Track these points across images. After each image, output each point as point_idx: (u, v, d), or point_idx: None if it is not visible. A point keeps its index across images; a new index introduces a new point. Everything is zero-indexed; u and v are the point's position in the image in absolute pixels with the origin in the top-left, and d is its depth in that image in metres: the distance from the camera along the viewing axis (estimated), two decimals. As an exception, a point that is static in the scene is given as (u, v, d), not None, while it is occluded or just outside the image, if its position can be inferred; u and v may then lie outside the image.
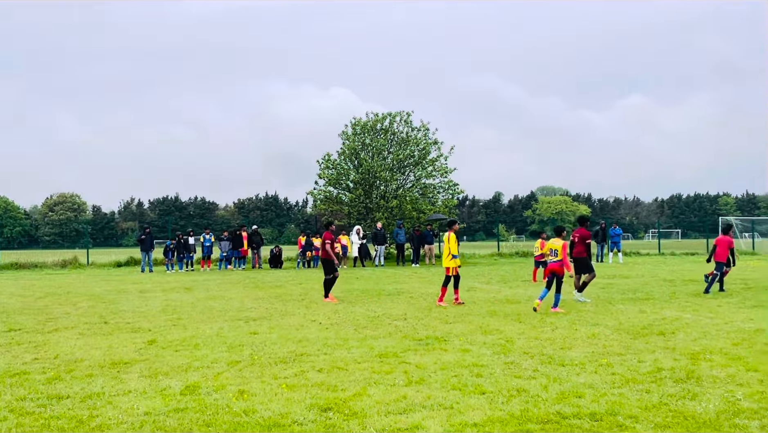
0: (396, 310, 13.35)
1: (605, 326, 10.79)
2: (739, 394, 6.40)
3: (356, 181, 34.74)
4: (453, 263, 14.11)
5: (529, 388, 6.76)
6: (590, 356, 8.36)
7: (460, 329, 10.68)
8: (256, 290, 18.32)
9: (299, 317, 12.54)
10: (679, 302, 14.13)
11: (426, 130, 35.58)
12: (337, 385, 7.01)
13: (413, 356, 8.50)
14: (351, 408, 6.11)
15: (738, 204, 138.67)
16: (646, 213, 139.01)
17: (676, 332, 10.15)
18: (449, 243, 14.27)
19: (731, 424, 5.47)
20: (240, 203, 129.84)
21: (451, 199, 36.44)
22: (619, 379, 7.11)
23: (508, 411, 5.93)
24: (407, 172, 35.70)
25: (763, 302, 13.97)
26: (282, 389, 6.89)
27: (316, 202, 36.38)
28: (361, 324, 11.44)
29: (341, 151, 35.37)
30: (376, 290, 17.96)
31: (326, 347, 9.26)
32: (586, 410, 5.92)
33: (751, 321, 11.21)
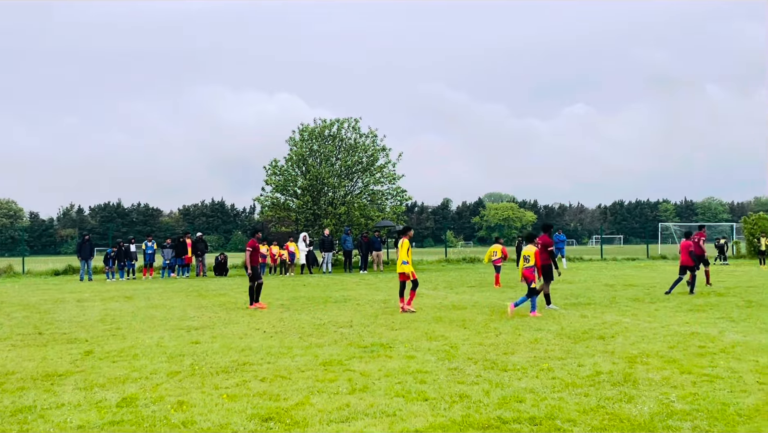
0: (342, 317, 13.30)
1: (548, 331, 10.96)
2: (673, 396, 6.58)
3: (304, 188, 34.56)
4: (407, 268, 14.24)
5: (472, 393, 6.81)
6: (532, 361, 8.47)
7: (406, 336, 10.70)
8: (199, 299, 18.00)
9: (243, 325, 12.37)
10: (619, 306, 14.47)
11: (374, 136, 35.70)
12: (279, 394, 6.93)
13: (358, 364, 8.47)
14: (293, 417, 6.04)
15: (677, 210, 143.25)
16: (590, 219, 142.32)
17: (615, 336, 10.39)
18: (401, 250, 14.40)
19: (664, 426, 5.61)
20: (185, 210, 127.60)
21: (399, 206, 36.61)
22: (559, 383, 7.22)
23: (450, 417, 5.95)
24: (355, 178, 35.71)
25: (699, 306, 14.42)
26: (223, 399, 6.77)
27: (264, 209, 36.06)
28: (306, 332, 11.35)
29: (288, 157, 35.14)
30: (322, 297, 17.86)
31: (270, 355, 9.15)
32: (526, 414, 5.99)
33: (686, 324, 11.56)
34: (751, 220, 40.25)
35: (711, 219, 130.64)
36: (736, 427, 5.55)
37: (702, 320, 12.16)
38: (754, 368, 7.81)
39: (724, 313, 13.05)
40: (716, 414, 5.92)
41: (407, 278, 14.27)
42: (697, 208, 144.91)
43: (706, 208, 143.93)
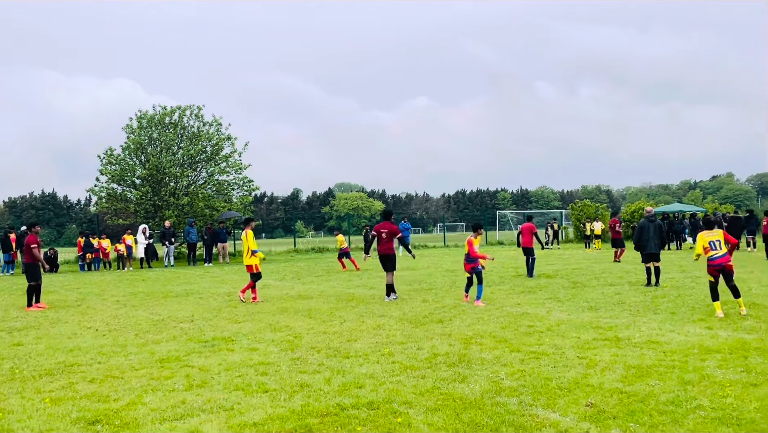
0: (183, 312, 12.82)
1: (390, 317, 11.22)
2: (502, 374, 6.95)
3: (143, 178, 32.94)
4: (254, 260, 14.07)
5: (313, 382, 6.80)
6: (374, 347, 8.62)
7: (249, 328, 10.50)
8: (24, 297, 16.59)
9: (73, 324, 11.56)
10: (458, 290, 15.10)
11: (218, 125, 34.69)
12: (109, 395, 6.53)
13: (197, 359, 8.19)
14: (122, 418, 5.71)
15: (513, 198, 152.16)
16: (434, 208, 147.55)
17: (453, 319, 10.83)
18: (248, 241, 14.16)
19: (493, 402, 5.91)
20: (11, 202, 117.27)
21: (247, 196, 35.90)
22: (399, 367, 7.40)
23: (290, 407, 5.91)
24: (199, 168, 34.56)
25: (530, 288, 15.39)
26: (45, 403, 6.28)
27: (99, 201, 33.95)
28: (143, 329, 10.82)
29: (125, 145, 33.27)
30: (162, 291, 17.13)
31: (101, 355, 8.62)
32: (365, 399, 6.07)
33: (518, 306, 12.29)
34: (578, 207, 43.60)
35: (544, 206, 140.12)
36: (557, 400, 5.95)
37: (532, 301, 12.98)
38: (575, 344, 8.43)
39: (552, 294, 14.02)
40: (540, 389, 6.32)
41: (251, 270, 14.11)
42: (532, 196, 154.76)
43: (539, 196, 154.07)
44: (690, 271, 18.79)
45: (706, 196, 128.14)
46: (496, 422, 5.35)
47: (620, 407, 5.64)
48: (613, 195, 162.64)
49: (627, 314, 10.88)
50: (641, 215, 35.91)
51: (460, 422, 5.37)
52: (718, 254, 10.57)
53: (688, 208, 45.75)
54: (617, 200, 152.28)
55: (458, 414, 5.57)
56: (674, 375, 6.68)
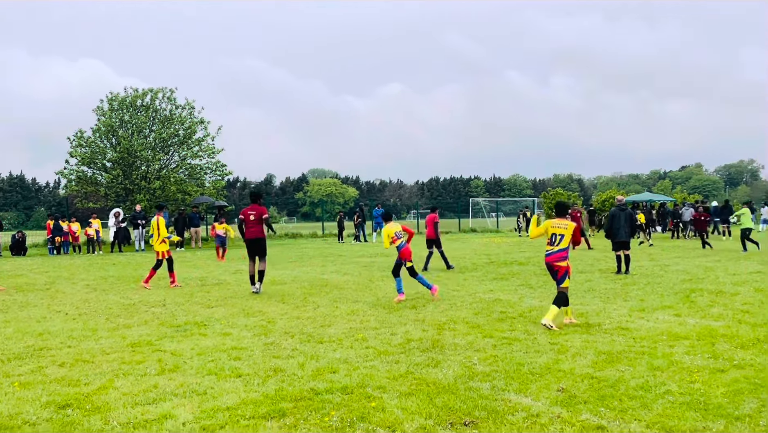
0: (154, 296, 12.70)
1: (364, 303, 11.23)
2: (475, 359, 7.01)
3: (114, 161, 32.47)
4: (163, 246, 14.29)
5: (287, 367, 6.79)
6: (348, 332, 8.63)
7: (222, 313, 10.45)
8: (-8, 281, 16.32)
9: (42, 308, 11.39)
10: (431, 277, 15.15)
11: (191, 108, 34.30)
12: (80, 379, 6.45)
13: (169, 344, 8.13)
14: (93, 403, 5.65)
15: (486, 186, 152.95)
16: (408, 195, 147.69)
17: (426, 305, 10.88)
18: (159, 227, 14.36)
19: (466, 387, 5.96)
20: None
21: (220, 181, 35.62)
22: (373, 352, 7.42)
23: (263, 392, 5.89)
24: (171, 151, 34.18)
25: (503, 274, 15.51)
26: (14, 387, 6.18)
27: (69, 184, 33.39)
28: (114, 313, 10.70)
29: (96, 128, 32.76)
30: (133, 276, 16.95)
31: (71, 339, 8.51)
32: (339, 384, 6.08)
33: (491, 292, 12.38)
34: (551, 195, 44.04)
35: (516, 194, 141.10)
36: (529, 385, 6.02)
37: (505, 287, 13.09)
38: (547, 330, 8.52)
39: (524, 280, 14.15)
40: (512, 374, 6.39)
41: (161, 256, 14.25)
42: (505, 184, 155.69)
43: (512, 184, 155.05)
44: (659, 259, 19.11)
45: (675, 186, 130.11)
46: (469, 406, 5.40)
47: (591, 392, 5.72)
48: (584, 184, 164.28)
49: (597, 301, 11.03)
50: (612, 204, 36.35)
51: (433, 406, 5.41)
52: (551, 250, 9.03)
53: (658, 197, 46.43)
54: (588, 189, 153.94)
55: (432, 399, 5.60)
56: (643, 361, 6.79)
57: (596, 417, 5.11)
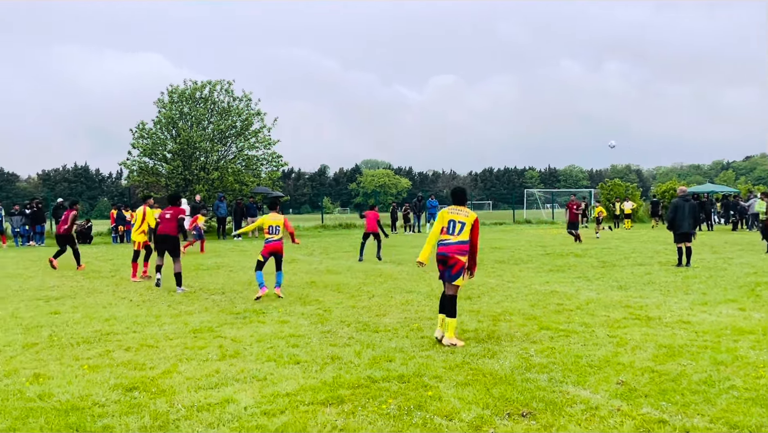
0: (214, 284, 13.01)
1: (418, 293, 11.26)
2: (532, 351, 6.97)
3: (174, 152, 33.23)
4: (142, 237, 14.59)
5: (343, 355, 6.89)
6: (403, 322, 8.68)
7: (279, 301, 10.63)
8: (60, 268, 16.97)
9: (108, 294, 11.81)
10: (486, 268, 15.09)
11: (248, 100, 34.79)
12: (145, 363, 6.69)
13: (229, 330, 8.33)
14: (159, 386, 5.85)
15: (541, 177, 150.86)
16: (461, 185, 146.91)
17: (481, 296, 10.84)
18: (148, 217, 14.56)
19: (523, 378, 5.93)
20: (45, 174, 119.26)
21: (275, 172, 36.09)
22: (428, 342, 7.46)
23: (321, 379, 6.00)
24: (229, 143, 34.75)
25: (559, 266, 15.32)
26: (84, 370, 6.45)
27: (131, 174, 34.37)
28: (176, 300, 11.01)
29: (157, 120, 33.58)
30: (193, 264, 17.38)
31: (136, 324, 8.81)
32: (395, 372, 6.14)
33: (547, 284, 12.25)
34: (608, 186, 43.13)
35: (572, 185, 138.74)
36: (587, 377, 5.96)
37: (561, 279, 12.93)
38: (605, 323, 8.41)
39: (581, 273, 13.95)
40: (570, 366, 6.33)
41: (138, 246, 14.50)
42: (560, 175, 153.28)
43: (567, 174, 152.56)
44: (722, 252, 18.54)
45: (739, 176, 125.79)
46: (526, 397, 5.38)
47: (651, 386, 5.63)
48: (643, 175, 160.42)
49: (657, 294, 10.79)
50: (672, 195, 35.42)
51: (490, 396, 5.41)
52: (449, 240, 7.46)
53: (720, 189, 45.00)
54: (647, 180, 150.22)
55: (488, 389, 5.60)
56: (706, 355, 6.63)
57: (657, 411, 5.03)
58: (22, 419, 5.09)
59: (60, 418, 5.07)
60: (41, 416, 5.12)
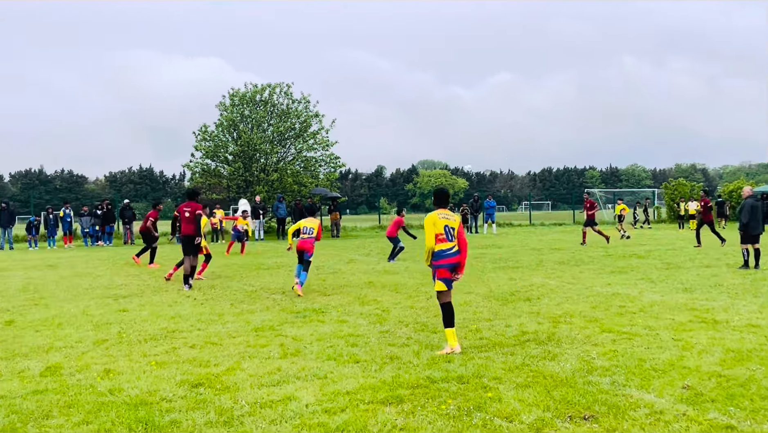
0: (275, 284, 13.25)
1: (477, 294, 11.22)
2: (593, 353, 6.86)
3: (235, 154, 33.96)
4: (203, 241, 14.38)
5: (402, 355, 6.93)
6: (462, 323, 8.66)
7: (338, 301, 10.75)
8: (126, 267, 17.58)
9: (173, 293, 12.17)
10: (546, 269, 14.91)
11: (307, 102, 35.26)
12: (209, 360, 6.88)
13: (290, 329, 8.48)
14: (223, 383, 6.01)
15: (602, 177, 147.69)
16: (519, 186, 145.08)
17: (541, 297, 10.72)
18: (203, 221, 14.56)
19: (585, 381, 5.85)
20: (112, 176, 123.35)
21: (333, 173, 36.45)
22: (487, 343, 7.43)
23: (381, 378, 6.05)
24: (288, 144, 35.31)
25: (621, 268, 15.00)
26: (151, 366, 6.68)
27: (194, 176, 35.27)
28: (238, 299, 11.26)
29: (219, 122, 34.39)
30: (254, 264, 17.71)
31: (200, 322, 9.05)
32: (454, 373, 6.14)
33: (609, 286, 12.02)
34: (672, 186, 41.94)
35: (635, 185, 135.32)
36: (651, 381, 5.83)
37: (623, 281, 12.67)
38: (670, 326, 8.20)
39: (644, 274, 13.63)
40: (633, 369, 6.21)
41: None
42: (622, 174, 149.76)
43: (629, 174, 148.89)
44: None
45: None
46: (588, 400, 5.31)
47: (719, 391, 5.48)
48: (709, 174, 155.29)
49: (725, 297, 10.46)
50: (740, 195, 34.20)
51: (551, 399, 5.36)
52: (453, 249, 7.22)
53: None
54: (713, 179, 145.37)
55: (549, 391, 5.55)
56: (778, 361, 6.41)
57: (725, 416, 4.89)
58: (94, 412, 5.30)
59: (130, 412, 5.27)
60: (112, 410, 5.32)
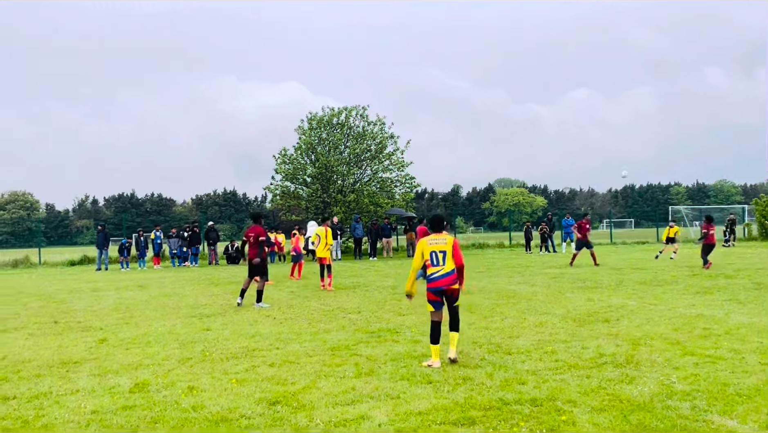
0: (351, 303, 13.46)
1: (553, 315, 11.06)
2: (673, 377, 6.67)
3: (313, 176, 34.71)
4: (327, 253, 16.73)
5: (475, 376, 6.93)
6: (536, 344, 8.58)
7: (413, 321, 10.83)
8: (211, 287, 18.23)
9: (253, 312, 12.55)
10: (626, 289, 14.53)
11: (382, 124, 35.74)
12: (287, 379, 7.08)
13: (365, 349, 8.62)
14: (299, 401, 6.19)
15: (689, 193, 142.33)
16: (600, 203, 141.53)
17: (620, 318, 10.47)
18: (327, 237, 16.96)
19: (664, 406, 5.71)
20: (198, 199, 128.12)
21: (409, 193, 36.69)
22: (562, 365, 7.34)
23: (453, 399, 6.08)
24: (364, 166, 35.81)
25: (707, 288, 14.45)
26: (232, 384, 6.93)
27: (274, 198, 36.26)
28: (315, 318, 11.51)
29: (297, 146, 35.28)
30: (332, 283, 18.00)
31: (279, 341, 9.32)
32: (528, 396, 6.11)
33: (693, 307, 11.61)
34: (763, 202, 39.96)
35: (723, 201, 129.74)
36: (735, 407, 5.64)
37: (709, 302, 12.21)
38: (757, 349, 7.88)
39: (732, 295, 13.09)
40: (716, 394, 6.01)
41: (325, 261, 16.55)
42: (710, 190, 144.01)
43: (718, 190, 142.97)
44: None
45: None
46: (666, 425, 5.19)
47: (808, 419, 5.24)
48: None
49: (820, 320, 9.93)
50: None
51: (627, 423, 5.26)
52: (440, 272, 7.68)
53: None
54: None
55: (626, 416, 5.45)
56: None
57: (814, 446, 4.68)
58: (178, 428, 5.57)
59: (211, 428, 5.50)
60: (195, 426, 5.58)
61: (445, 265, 7.67)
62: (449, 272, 7.69)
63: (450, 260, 7.69)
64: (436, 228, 7.89)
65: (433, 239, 7.75)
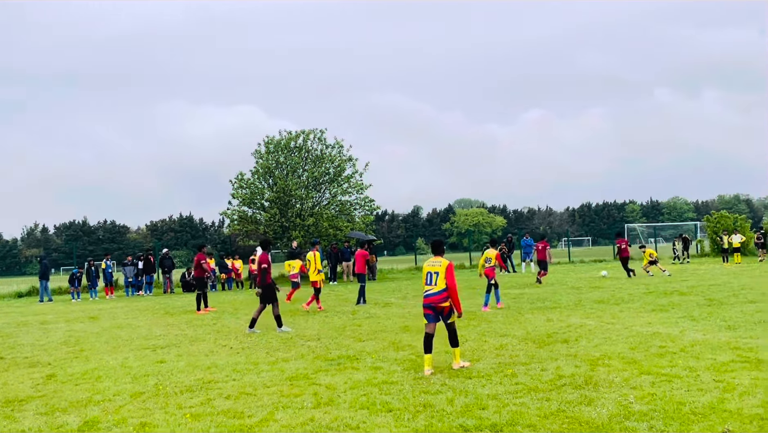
0: (310, 330, 13.28)
1: (513, 336, 11.08)
2: (631, 397, 6.71)
3: (271, 200, 34.41)
4: (319, 276, 17.38)
5: (436, 402, 6.86)
6: (497, 367, 8.56)
7: (373, 347, 10.73)
8: (166, 317, 17.81)
9: (210, 342, 12.28)
10: (585, 309, 14.67)
11: (340, 147, 35.69)
12: (243, 411, 6.91)
13: (324, 377, 8.48)
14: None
15: (643, 211, 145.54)
16: (558, 222, 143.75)
17: (579, 339, 10.54)
18: (315, 261, 17.50)
19: (622, 427, 5.72)
20: (153, 225, 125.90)
21: (369, 216, 36.63)
22: (522, 388, 7.32)
23: (413, 427, 6.00)
24: (323, 189, 35.65)
25: (662, 305, 14.68)
26: (186, 419, 6.73)
27: (231, 223, 35.80)
28: (273, 347, 11.31)
29: (254, 170, 34.96)
30: (290, 309, 17.79)
31: (236, 372, 9.11)
32: (488, 421, 6.06)
33: (649, 325, 11.77)
34: (714, 218, 41.05)
35: (677, 218, 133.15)
36: (691, 426, 5.68)
37: (664, 319, 12.39)
38: (711, 366, 7.99)
39: (686, 312, 13.31)
40: (672, 414, 6.05)
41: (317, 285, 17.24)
42: (663, 208, 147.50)
43: (671, 207, 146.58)
44: None
45: None
46: (624, 448, 5.18)
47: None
48: (753, 205, 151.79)
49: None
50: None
51: (586, 447, 5.25)
52: (431, 290, 8.67)
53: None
54: (759, 210, 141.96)
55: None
56: (825, 402, 6.18)
57: (769, 465, 4.72)
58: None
59: (164, 466, 5.30)
60: (147, 464, 5.37)
61: (436, 285, 8.63)
62: (440, 290, 8.60)
63: (442, 280, 8.59)
64: (435, 251, 9.05)
65: (432, 262, 8.83)
